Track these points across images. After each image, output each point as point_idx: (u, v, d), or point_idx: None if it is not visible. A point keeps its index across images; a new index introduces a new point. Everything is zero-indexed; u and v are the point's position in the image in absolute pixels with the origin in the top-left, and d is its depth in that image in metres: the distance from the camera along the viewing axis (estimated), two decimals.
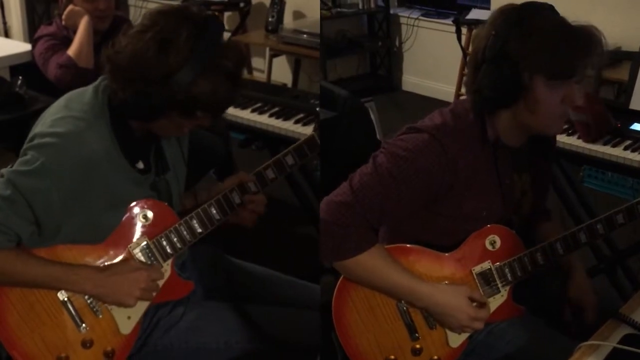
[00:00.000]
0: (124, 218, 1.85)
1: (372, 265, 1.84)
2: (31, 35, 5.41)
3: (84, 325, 1.85)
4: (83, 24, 3.23)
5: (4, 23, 6.27)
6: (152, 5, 6.38)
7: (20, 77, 3.23)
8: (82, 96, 1.84)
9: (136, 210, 1.86)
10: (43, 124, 1.79)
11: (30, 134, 1.79)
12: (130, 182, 1.84)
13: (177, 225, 1.90)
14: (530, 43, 1.70)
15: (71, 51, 3.20)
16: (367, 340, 1.92)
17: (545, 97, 1.75)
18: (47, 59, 3.23)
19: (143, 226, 1.87)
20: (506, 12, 1.76)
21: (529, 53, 1.70)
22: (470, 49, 1.83)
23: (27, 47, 3.61)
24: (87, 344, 1.85)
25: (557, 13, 1.76)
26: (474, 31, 1.82)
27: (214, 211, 1.94)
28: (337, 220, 1.79)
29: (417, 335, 1.91)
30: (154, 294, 1.88)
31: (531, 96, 1.75)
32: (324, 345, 2.01)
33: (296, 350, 1.99)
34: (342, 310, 1.91)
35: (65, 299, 1.83)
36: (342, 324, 1.92)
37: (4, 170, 1.75)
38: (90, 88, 1.85)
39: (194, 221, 1.92)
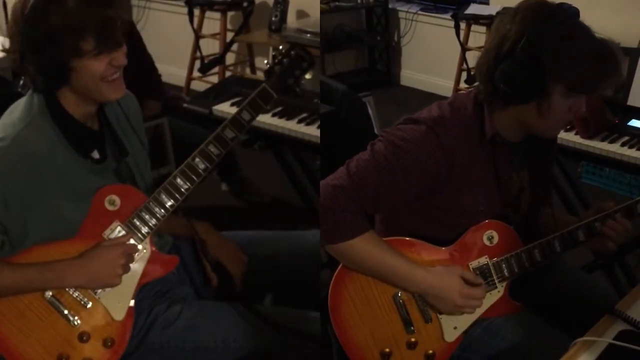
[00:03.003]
0: (90, 208, 1.86)
1: (367, 249, 1.84)
2: None
3: (76, 319, 1.85)
4: None
5: (7, 23, 6.25)
6: (155, 5, 6.38)
7: (23, 78, 3.22)
8: (19, 102, 1.89)
9: (101, 197, 1.87)
10: None
11: None
12: (87, 173, 1.86)
13: (146, 203, 1.90)
14: (563, 54, 1.71)
15: None
16: (363, 332, 1.92)
17: (558, 105, 1.77)
18: None
19: (112, 212, 1.88)
20: (539, 11, 1.75)
21: (560, 63, 1.71)
22: (489, 37, 1.82)
23: None
24: (83, 337, 1.85)
25: (579, 17, 1.77)
26: (497, 20, 1.81)
27: (180, 181, 1.92)
28: (333, 204, 1.79)
29: (412, 328, 1.92)
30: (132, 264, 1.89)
31: (546, 102, 1.76)
32: (323, 340, 2.02)
33: (295, 349, 1.99)
34: (338, 302, 1.92)
35: (50, 297, 1.83)
36: (338, 316, 1.92)
37: None
38: (29, 93, 1.88)
39: (162, 195, 1.91)
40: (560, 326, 1.94)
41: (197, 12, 5.63)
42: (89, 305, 1.86)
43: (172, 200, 1.92)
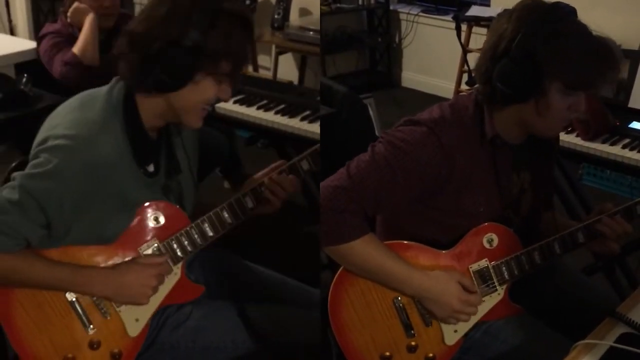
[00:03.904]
0: (135, 220, 1.84)
1: (366, 252, 1.84)
2: (36, 33, 5.39)
3: (91, 326, 1.85)
4: (88, 21, 3.23)
5: (10, 21, 6.27)
6: None
7: (26, 75, 3.23)
8: (95, 97, 1.83)
9: (147, 212, 1.86)
10: (55, 126, 1.77)
11: (42, 135, 1.78)
12: (140, 185, 1.84)
13: (188, 228, 1.90)
14: (557, 50, 1.71)
15: (76, 49, 3.20)
16: (363, 336, 1.92)
17: (557, 103, 1.76)
18: (52, 56, 3.24)
19: (154, 228, 1.87)
20: (534, 10, 1.75)
21: (555, 60, 1.71)
22: (487, 38, 1.83)
23: (32, 44, 3.62)
24: (94, 345, 1.85)
25: (577, 17, 1.78)
26: (494, 21, 1.82)
27: (226, 215, 1.93)
28: (333, 205, 1.79)
29: (412, 332, 1.92)
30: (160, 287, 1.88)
31: (544, 100, 1.76)
32: (323, 344, 2.02)
33: (303, 350, 1.99)
34: (338, 306, 1.91)
35: (73, 299, 1.83)
36: (338, 320, 1.92)
37: (16, 174, 1.75)
38: (103, 89, 1.85)
39: (206, 224, 1.91)
40: (561, 329, 1.93)
41: None
42: (108, 316, 1.86)
43: (213, 232, 1.92)
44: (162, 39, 1.72)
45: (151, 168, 1.88)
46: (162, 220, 1.87)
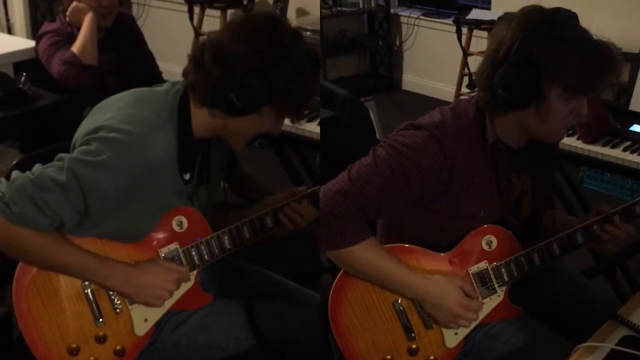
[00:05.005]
0: (160, 222, 1.87)
1: (367, 256, 1.84)
2: (34, 32, 5.40)
3: (101, 320, 1.85)
4: (87, 20, 3.24)
5: (7, 20, 6.28)
6: (155, 3, 6.39)
7: (24, 74, 3.23)
8: (152, 97, 1.85)
9: (173, 215, 1.88)
10: (110, 118, 1.78)
11: (92, 124, 1.78)
12: (175, 191, 1.86)
13: (208, 238, 1.92)
14: (556, 55, 1.71)
15: (75, 48, 3.20)
16: (364, 340, 1.91)
17: (558, 108, 1.76)
18: (51, 55, 3.24)
19: (177, 233, 1.89)
20: (534, 15, 1.75)
21: (554, 65, 1.71)
22: (488, 44, 1.84)
23: (31, 43, 3.62)
24: (100, 339, 1.86)
25: (578, 22, 1.77)
26: (495, 28, 1.83)
27: (246, 230, 1.95)
28: (333, 210, 1.79)
29: (413, 335, 1.91)
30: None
31: (544, 105, 1.76)
32: (323, 346, 2.01)
33: (304, 349, 1.99)
34: (338, 310, 1.91)
35: (89, 291, 1.84)
36: (338, 324, 1.91)
37: (64, 155, 1.76)
38: (159, 89, 1.87)
39: (225, 237, 1.93)
40: (562, 331, 1.93)
41: (197, 9, 5.64)
42: (120, 312, 1.86)
43: (231, 245, 1.94)
44: (251, 66, 1.75)
45: (187, 176, 1.89)
46: (185, 225, 1.89)
